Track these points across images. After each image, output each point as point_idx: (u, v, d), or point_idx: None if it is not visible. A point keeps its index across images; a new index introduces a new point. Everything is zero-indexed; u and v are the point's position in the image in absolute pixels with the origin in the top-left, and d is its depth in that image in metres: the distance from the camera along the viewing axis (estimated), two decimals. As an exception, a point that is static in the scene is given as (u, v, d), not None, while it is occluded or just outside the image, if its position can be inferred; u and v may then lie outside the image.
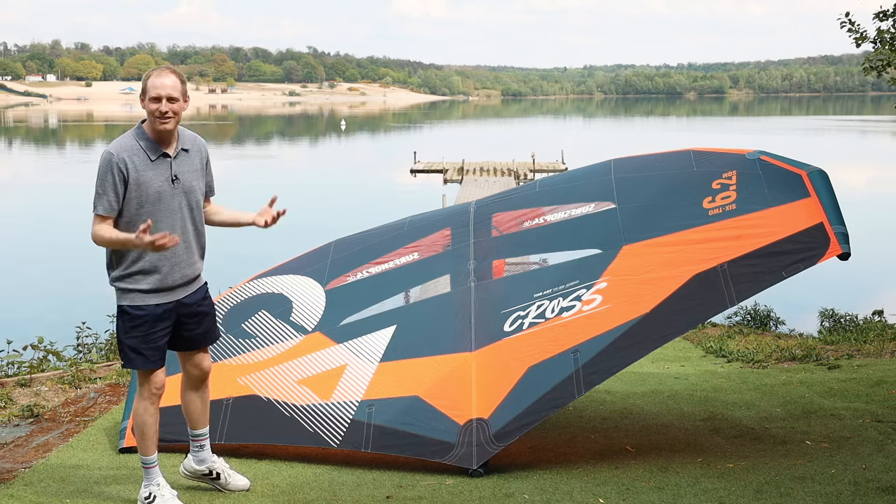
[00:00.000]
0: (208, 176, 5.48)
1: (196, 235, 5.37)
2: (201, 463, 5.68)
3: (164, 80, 5.12)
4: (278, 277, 7.73)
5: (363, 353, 6.74)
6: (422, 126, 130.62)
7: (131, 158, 5.08)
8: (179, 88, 5.15)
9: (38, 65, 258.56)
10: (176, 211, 5.21)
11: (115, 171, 5.04)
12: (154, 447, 5.37)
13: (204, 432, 5.69)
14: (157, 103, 5.08)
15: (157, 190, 5.12)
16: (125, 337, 5.23)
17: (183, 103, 5.19)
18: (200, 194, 5.38)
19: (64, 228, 31.95)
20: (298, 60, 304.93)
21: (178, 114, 5.16)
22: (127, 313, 5.21)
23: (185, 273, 5.31)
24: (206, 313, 5.54)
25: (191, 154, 5.32)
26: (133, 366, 5.28)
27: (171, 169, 5.18)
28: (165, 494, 5.30)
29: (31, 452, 6.61)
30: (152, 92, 5.09)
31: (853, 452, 6.14)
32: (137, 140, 5.16)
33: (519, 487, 5.57)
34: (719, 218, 6.52)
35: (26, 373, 9.56)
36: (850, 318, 13.44)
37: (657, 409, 7.66)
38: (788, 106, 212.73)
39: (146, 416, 5.32)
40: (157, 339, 5.24)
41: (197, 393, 5.63)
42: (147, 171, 5.10)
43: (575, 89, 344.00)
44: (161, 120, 5.10)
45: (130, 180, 5.06)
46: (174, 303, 5.28)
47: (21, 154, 75.69)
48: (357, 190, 47.27)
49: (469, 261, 7.25)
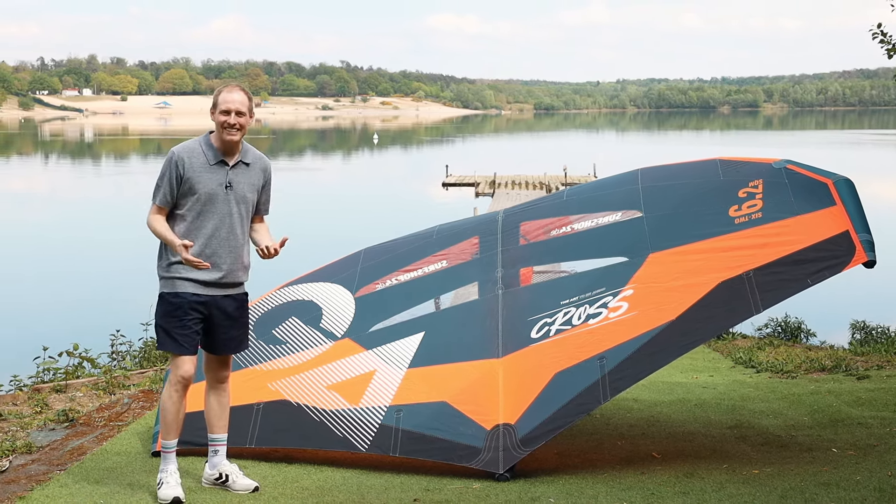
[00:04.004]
0: (265, 195, 5.88)
1: (241, 243, 5.74)
2: (214, 468, 5.89)
3: (234, 95, 5.62)
4: (308, 285, 7.83)
5: (392, 360, 6.83)
6: (454, 140, 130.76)
7: (190, 159, 5.57)
8: (247, 104, 5.64)
9: (75, 79, 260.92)
10: (225, 216, 5.62)
11: (174, 168, 5.55)
12: (172, 434, 5.71)
13: (220, 437, 5.91)
14: (227, 116, 5.56)
15: (210, 192, 5.56)
16: (161, 321, 5.65)
17: (249, 118, 5.63)
18: (251, 206, 5.77)
19: (99, 241, 32.33)
20: (331, 75, 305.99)
21: (244, 127, 5.62)
22: (165, 299, 5.63)
23: (224, 274, 5.66)
24: (240, 321, 5.85)
25: (251, 168, 5.74)
26: (165, 348, 5.70)
27: (226, 176, 5.61)
28: (171, 481, 5.64)
29: (66, 455, 6.73)
30: (222, 105, 5.58)
31: (879, 460, 6.15)
32: (201, 145, 5.65)
33: (545, 492, 5.63)
34: (745, 226, 6.55)
35: (62, 379, 9.72)
36: (881, 331, 13.37)
37: (684, 417, 7.69)
38: (823, 120, 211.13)
39: (168, 402, 5.70)
40: (189, 327, 5.60)
41: (215, 396, 5.91)
42: (203, 173, 5.56)
43: (608, 103, 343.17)
44: (228, 131, 5.57)
45: (185, 178, 5.53)
46: (209, 297, 5.64)
47: (58, 167, 76.50)
48: (389, 203, 47.40)
49: (497, 269, 7.32)
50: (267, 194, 5.90)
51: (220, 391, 5.90)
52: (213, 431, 5.91)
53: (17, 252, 31.97)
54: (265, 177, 5.83)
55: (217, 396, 5.90)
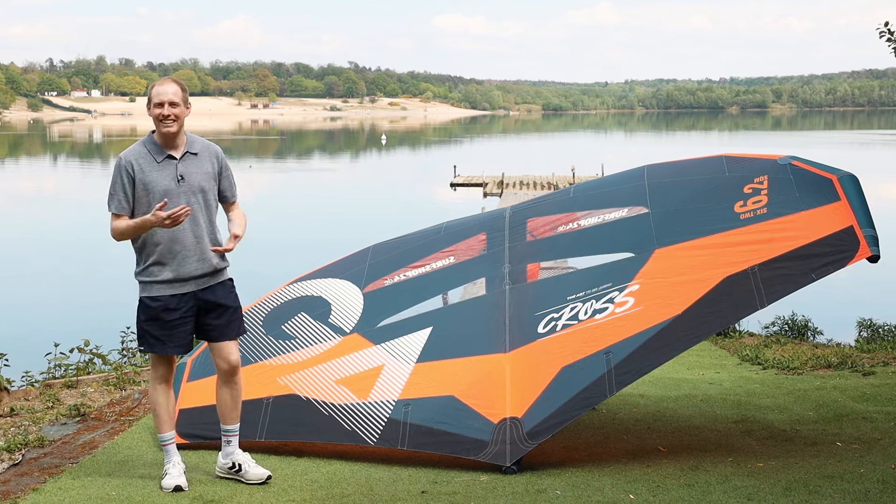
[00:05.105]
0: (225, 181, 5.95)
1: (209, 232, 5.82)
2: (227, 457, 5.97)
3: (166, 87, 5.70)
4: (317, 281, 7.90)
5: (400, 354, 6.89)
6: (462, 140, 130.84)
7: (137, 161, 5.66)
8: (180, 95, 5.70)
9: (83, 80, 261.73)
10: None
11: (124, 174, 5.64)
12: (166, 426, 5.91)
13: (232, 428, 5.99)
14: (160, 108, 5.63)
15: (164, 188, 5.63)
16: (143, 324, 5.77)
17: (184, 108, 5.71)
18: (212, 195, 5.84)
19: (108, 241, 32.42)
20: (340, 75, 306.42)
21: (180, 118, 5.69)
22: (144, 303, 5.76)
23: (197, 266, 5.75)
24: (229, 306, 5.93)
25: (200, 157, 5.81)
26: (149, 350, 5.83)
27: (176, 170, 5.69)
28: (173, 472, 5.79)
29: (77, 449, 6.81)
30: (156, 98, 5.67)
31: (883, 453, 6.20)
32: (145, 146, 5.74)
33: (551, 484, 5.69)
34: (750, 222, 6.60)
35: (73, 375, 9.81)
36: (888, 329, 13.39)
37: (690, 412, 7.74)
38: (832, 120, 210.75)
39: (157, 396, 5.90)
40: (173, 327, 5.74)
41: (227, 387, 5.97)
42: (153, 172, 5.65)
43: (616, 104, 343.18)
44: (164, 123, 5.64)
45: (137, 181, 5.63)
46: (189, 294, 5.75)
47: (67, 168, 76.74)
48: (397, 203, 47.50)
49: (504, 264, 7.38)
50: (228, 180, 5.95)
51: (231, 384, 5.95)
52: (225, 423, 5.99)
53: (28, 251, 32.19)
54: (219, 163, 5.88)
55: (229, 390, 5.96)
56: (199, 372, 7.10)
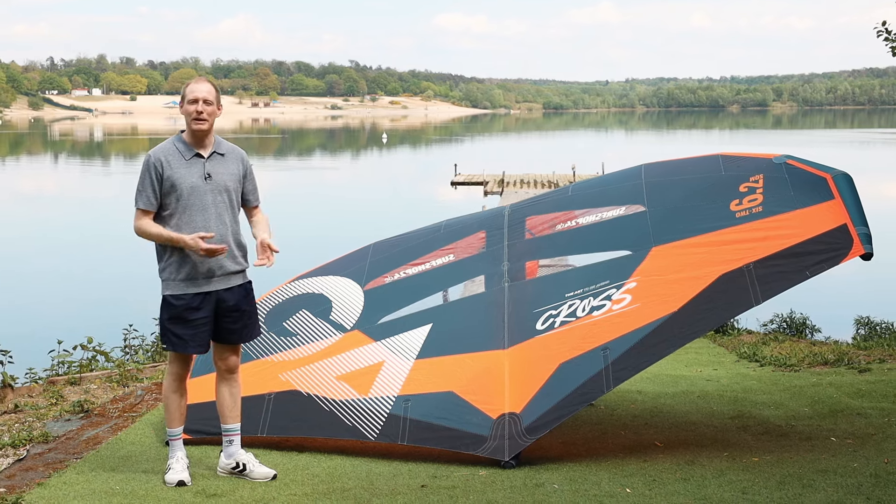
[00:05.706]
0: (249, 184, 6.01)
1: (233, 232, 5.88)
2: (230, 457, 6.01)
3: (201, 85, 5.78)
4: (318, 278, 7.98)
5: (400, 351, 6.97)
6: (463, 139, 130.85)
7: (167, 158, 5.73)
8: (214, 94, 5.79)
9: (84, 79, 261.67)
10: (210, 206, 5.75)
11: (152, 170, 5.71)
12: (176, 422, 5.97)
13: (233, 427, 6.03)
14: (195, 104, 5.70)
15: (191, 185, 5.71)
16: (166, 322, 5.81)
17: (217, 108, 5.79)
18: (236, 196, 5.91)
19: (111, 239, 32.52)
20: (340, 74, 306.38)
21: (212, 116, 5.76)
22: (167, 302, 5.80)
23: (219, 264, 5.79)
24: (247, 311, 5.99)
25: (227, 158, 5.88)
26: (172, 348, 5.86)
27: (204, 168, 5.76)
28: (177, 467, 5.87)
29: (81, 445, 6.88)
30: (190, 95, 5.74)
31: (876, 448, 6.29)
32: (174, 143, 5.81)
33: (549, 478, 5.76)
34: (746, 220, 6.69)
35: (76, 372, 9.88)
36: (885, 326, 13.47)
37: (687, 408, 7.82)
38: (833, 119, 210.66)
39: (171, 392, 5.97)
40: (196, 326, 5.79)
41: (226, 386, 6.03)
42: (181, 168, 5.72)
43: (617, 102, 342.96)
44: (197, 120, 5.71)
45: (165, 177, 5.69)
46: (212, 293, 5.80)
47: (69, 167, 76.78)
48: (398, 202, 47.56)
49: (503, 262, 7.46)
50: (252, 183, 6.03)
51: (230, 382, 6.02)
52: (226, 422, 6.02)
53: (30, 250, 32.26)
54: (244, 166, 5.96)
55: (228, 387, 6.02)
56: (201, 368, 7.17)
